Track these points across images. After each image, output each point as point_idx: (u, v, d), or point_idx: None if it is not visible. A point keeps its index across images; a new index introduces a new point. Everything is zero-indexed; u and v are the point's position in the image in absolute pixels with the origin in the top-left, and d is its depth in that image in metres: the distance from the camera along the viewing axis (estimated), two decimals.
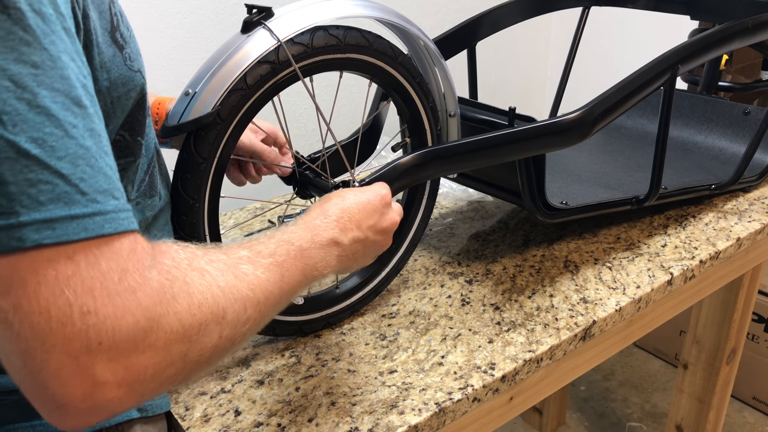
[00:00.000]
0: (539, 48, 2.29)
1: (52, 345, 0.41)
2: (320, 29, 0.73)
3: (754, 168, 1.26)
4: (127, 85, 0.60)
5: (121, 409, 0.46)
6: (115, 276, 0.44)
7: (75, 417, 0.44)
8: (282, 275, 0.58)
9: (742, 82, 1.71)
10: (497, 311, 0.93)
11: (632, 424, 1.96)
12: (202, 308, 0.49)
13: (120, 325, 0.43)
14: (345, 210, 0.67)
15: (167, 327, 0.46)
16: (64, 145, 0.43)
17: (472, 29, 1.18)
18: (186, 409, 0.77)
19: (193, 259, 0.51)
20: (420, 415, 0.74)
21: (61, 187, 0.43)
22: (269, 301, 0.56)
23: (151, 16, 1.42)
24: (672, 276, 1.00)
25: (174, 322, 0.47)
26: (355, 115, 1.80)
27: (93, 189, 0.45)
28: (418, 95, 0.86)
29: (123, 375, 0.44)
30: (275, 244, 0.59)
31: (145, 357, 0.45)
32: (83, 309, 0.42)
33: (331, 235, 0.64)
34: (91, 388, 0.43)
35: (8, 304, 0.41)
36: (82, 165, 0.44)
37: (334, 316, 0.89)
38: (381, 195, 0.71)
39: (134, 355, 0.44)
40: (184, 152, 0.69)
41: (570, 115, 0.86)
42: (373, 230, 0.69)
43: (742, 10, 1.15)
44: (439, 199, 1.27)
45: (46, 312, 0.41)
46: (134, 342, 0.44)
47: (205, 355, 0.50)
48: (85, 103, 0.46)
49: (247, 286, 0.54)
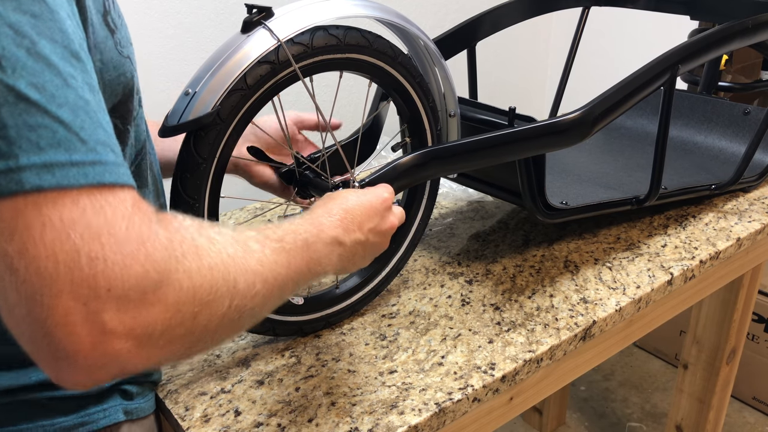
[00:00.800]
0: (539, 48, 2.29)
1: (59, 290, 0.40)
2: (320, 29, 0.73)
3: (754, 168, 1.26)
4: (117, 70, 0.60)
5: (129, 365, 0.44)
6: (122, 225, 0.43)
7: (81, 370, 0.42)
8: (289, 261, 0.57)
9: (742, 82, 1.71)
10: (497, 311, 0.93)
11: (632, 424, 1.96)
12: (212, 271, 0.48)
13: (129, 273, 0.42)
14: (348, 211, 0.67)
15: (177, 284, 0.45)
16: (63, 93, 0.43)
17: (472, 29, 1.18)
18: (186, 409, 0.77)
19: (201, 227, 0.50)
20: (420, 415, 0.74)
21: (61, 133, 0.42)
22: (277, 282, 0.55)
23: (151, 16, 1.42)
24: (672, 276, 1.00)
25: (184, 280, 0.46)
26: (355, 115, 1.80)
27: (93, 139, 0.44)
28: (418, 95, 0.86)
29: (131, 326, 0.43)
30: (283, 232, 0.59)
31: (154, 310, 0.44)
32: (91, 255, 0.41)
33: (334, 234, 0.64)
34: (99, 336, 0.42)
35: (13, 249, 0.40)
36: (81, 115, 0.44)
37: (334, 316, 0.89)
38: (383, 198, 0.71)
39: (143, 306, 0.43)
40: (183, 152, 0.69)
41: (570, 116, 0.86)
42: (373, 233, 0.69)
43: (742, 10, 1.15)
44: (439, 199, 1.27)
45: (53, 256, 0.40)
46: (143, 293, 0.43)
47: (214, 322, 0.49)
48: (83, 58, 0.46)
49: (257, 261, 0.53)
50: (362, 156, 0.94)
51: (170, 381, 0.81)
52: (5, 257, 0.40)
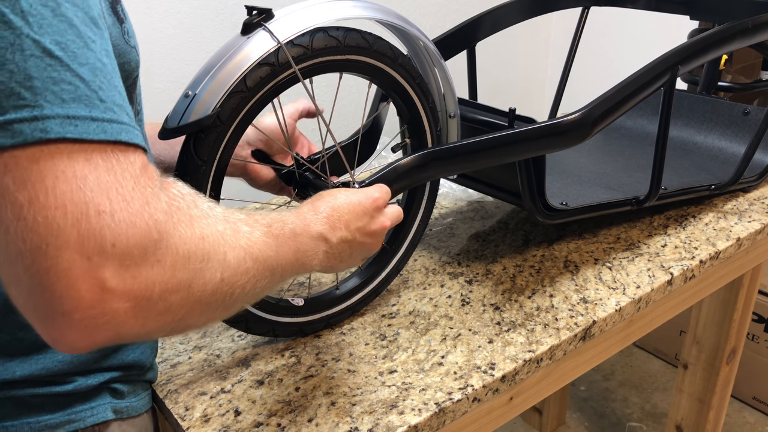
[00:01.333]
0: (539, 48, 2.29)
1: (65, 241, 0.41)
2: (320, 31, 0.73)
3: (754, 168, 1.26)
4: (123, 57, 0.61)
5: (124, 328, 0.45)
6: (129, 183, 0.44)
7: (76, 328, 0.43)
8: (278, 246, 0.58)
9: (742, 82, 1.71)
10: (497, 311, 0.93)
11: (632, 424, 1.96)
12: (205, 241, 0.49)
13: (134, 231, 0.43)
14: (335, 209, 0.67)
15: (174, 247, 0.46)
16: (84, 54, 0.45)
17: (472, 29, 1.18)
18: (186, 409, 0.77)
19: (196, 199, 0.52)
20: (420, 415, 0.75)
21: (82, 89, 0.44)
22: (267, 264, 0.56)
23: (151, 16, 1.43)
24: (672, 276, 1.00)
25: (180, 244, 0.47)
26: (355, 116, 1.80)
27: (110, 100, 0.46)
28: (417, 96, 0.86)
29: (131, 285, 0.44)
30: (271, 219, 0.60)
31: (153, 271, 0.45)
32: (99, 208, 0.42)
33: (320, 230, 0.65)
34: (99, 293, 0.42)
35: (24, 197, 0.41)
36: (100, 76, 0.46)
37: (334, 317, 0.89)
38: (372, 198, 0.71)
39: (144, 266, 0.44)
40: (183, 154, 0.70)
41: (570, 116, 0.86)
42: (361, 232, 0.69)
43: (742, 10, 1.15)
44: (439, 199, 1.27)
45: (62, 207, 0.41)
46: (145, 251, 0.44)
47: (206, 294, 0.50)
48: (101, 26, 0.48)
49: (246, 240, 0.55)
50: (362, 157, 0.94)
51: (170, 381, 0.81)
52: (14, 205, 0.41)
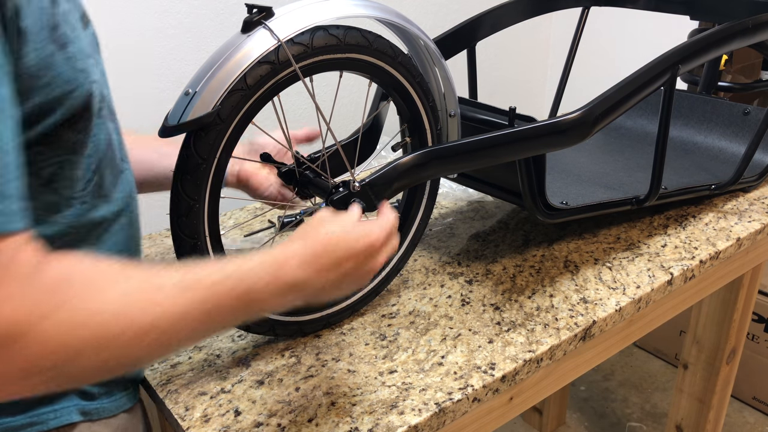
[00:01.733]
0: (539, 48, 2.29)
1: None
2: (320, 29, 0.73)
3: (754, 168, 1.26)
4: (70, 84, 0.58)
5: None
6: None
7: None
8: (209, 312, 0.56)
9: (742, 82, 1.71)
10: (497, 311, 0.93)
11: (632, 424, 1.96)
12: (85, 328, 0.49)
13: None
14: (328, 248, 0.63)
15: (39, 342, 0.47)
16: None
17: (472, 29, 1.18)
18: (186, 409, 0.77)
19: (97, 276, 0.51)
20: (420, 415, 0.74)
21: None
22: (180, 335, 0.55)
23: (151, 16, 1.42)
24: (672, 276, 1.00)
25: (47, 338, 0.47)
26: (355, 115, 1.80)
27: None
28: (418, 95, 0.86)
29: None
30: (223, 275, 0.58)
31: (11, 362, 0.46)
32: None
33: (296, 277, 0.62)
34: None
35: None
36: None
37: (334, 317, 0.89)
38: (377, 242, 0.66)
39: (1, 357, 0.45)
40: (183, 153, 0.69)
41: (570, 116, 0.86)
42: (353, 270, 0.65)
43: (742, 10, 1.15)
44: (439, 199, 1.27)
45: None
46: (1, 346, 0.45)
47: (87, 372, 0.51)
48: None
49: (152, 318, 0.53)
50: (362, 156, 0.94)
51: (170, 381, 0.81)
52: None
